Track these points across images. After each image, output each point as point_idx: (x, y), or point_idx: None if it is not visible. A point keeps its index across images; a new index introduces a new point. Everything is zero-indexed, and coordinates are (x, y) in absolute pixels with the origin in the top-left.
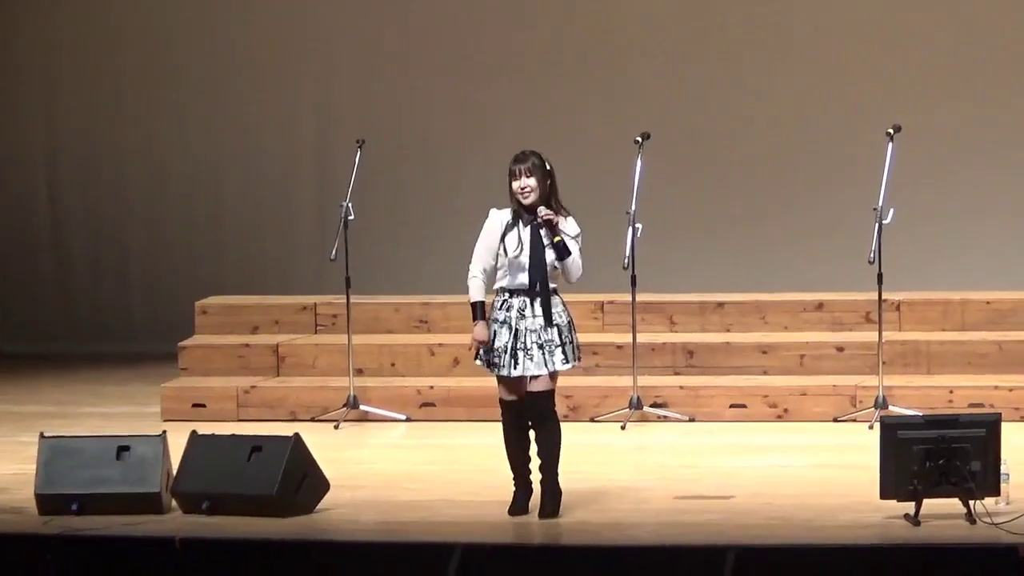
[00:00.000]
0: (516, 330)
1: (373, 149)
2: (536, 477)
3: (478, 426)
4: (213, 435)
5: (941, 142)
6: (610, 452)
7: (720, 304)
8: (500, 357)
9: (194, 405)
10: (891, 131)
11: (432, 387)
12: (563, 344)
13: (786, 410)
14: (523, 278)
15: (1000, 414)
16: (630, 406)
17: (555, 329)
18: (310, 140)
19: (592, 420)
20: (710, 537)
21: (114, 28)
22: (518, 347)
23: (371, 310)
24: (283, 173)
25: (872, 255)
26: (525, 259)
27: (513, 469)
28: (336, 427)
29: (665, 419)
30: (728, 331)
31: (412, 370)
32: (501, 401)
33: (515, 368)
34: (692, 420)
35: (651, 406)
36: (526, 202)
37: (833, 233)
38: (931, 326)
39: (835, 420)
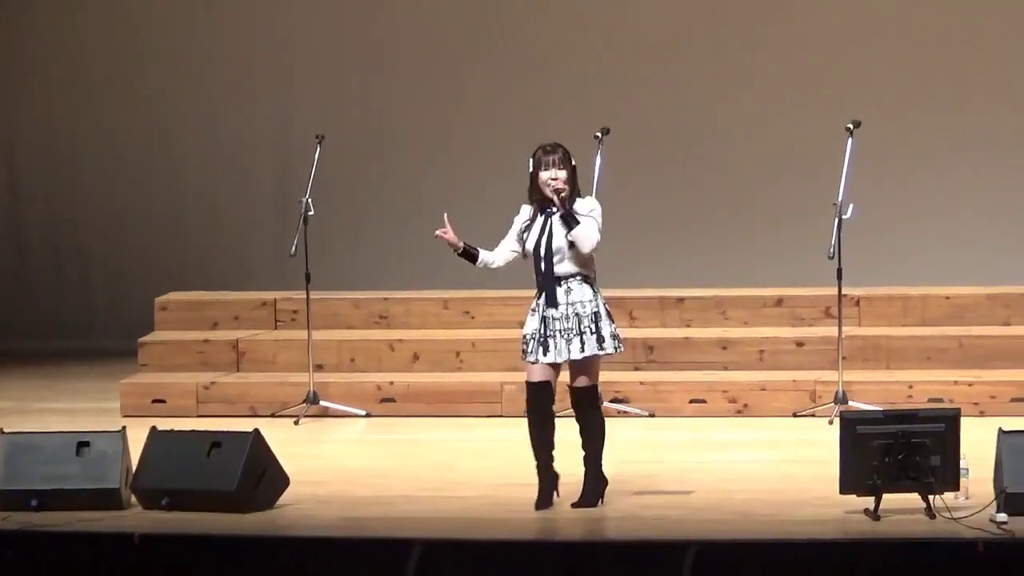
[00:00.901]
0: (544, 318)
1: (333, 144)
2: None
3: (438, 421)
4: (173, 431)
5: (901, 137)
6: (570, 448)
7: (680, 299)
8: (528, 343)
9: (154, 401)
10: (850, 126)
11: (392, 383)
12: (582, 333)
13: (746, 405)
14: (539, 269)
15: (959, 409)
16: None
17: (575, 318)
18: (270, 136)
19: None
20: (670, 532)
21: (75, 22)
22: (548, 334)
23: (331, 306)
24: (243, 169)
25: (832, 250)
26: (532, 249)
27: (536, 457)
28: (296, 423)
29: (625, 414)
30: (688, 326)
31: (372, 366)
32: (526, 383)
33: (544, 355)
34: (652, 415)
35: (611, 401)
36: (557, 194)
37: (793, 228)
38: (891, 321)
39: (795, 415)
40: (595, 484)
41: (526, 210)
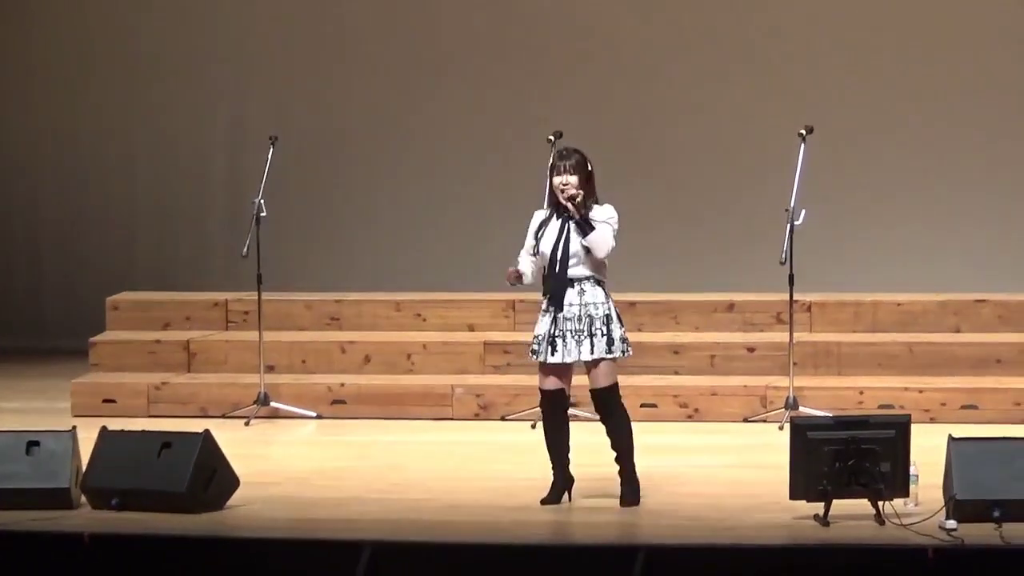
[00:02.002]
0: (555, 318)
1: (286, 145)
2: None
3: (389, 424)
4: (123, 431)
5: (854, 144)
6: (520, 451)
7: (632, 304)
8: (540, 344)
9: (104, 401)
10: (803, 132)
11: (343, 384)
12: (592, 335)
13: (697, 410)
14: (551, 271)
15: (910, 416)
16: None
17: (588, 319)
18: (222, 136)
19: (503, 419)
20: (620, 537)
21: (25, 22)
22: (556, 334)
23: (283, 307)
24: (195, 169)
25: (783, 256)
26: (547, 251)
27: (552, 459)
28: (247, 424)
29: (575, 418)
30: (639, 331)
31: (323, 367)
32: (540, 390)
33: (552, 355)
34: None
35: None
36: (572, 200)
37: (745, 234)
38: (842, 327)
39: (745, 420)
40: (631, 484)
41: (537, 215)
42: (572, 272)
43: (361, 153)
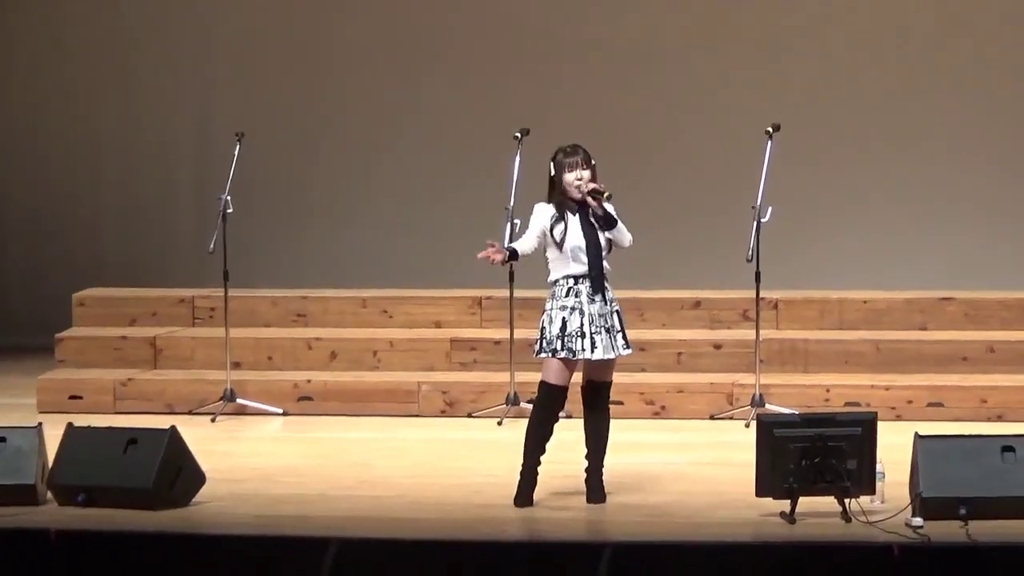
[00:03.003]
0: (588, 314)
1: (252, 142)
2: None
3: (355, 420)
4: (89, 427)
5: (820, 142)
6: (487, 448)
7: None
8: (575, 340)
9: (71, 397)
10: (770, 129)
11: (309, 381)
12: (622, 329)
13: (663, 407)
14: (582, 264)
15: (876, 413)
16: (507, 402)
17: (616, 315)
18: (189, 132)
19: (469, 416)
20: (586, 534)
21: None
22: (593, 331)
23: (249, 303)
24: (162, 165)
25: (750, 253)
26: (581, 243)
27: (527, 457)
28: (213, 420)
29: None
30: None
31: (289, 364)
32: (545, 384)
33: (594, 351)
34: (569, 416)
35: (528, 402)
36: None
37: (711, 231)
38: (808, 325)
39: (712, 418)
40: (600, 481)
41: (543, 207)
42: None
43: (328, 150)
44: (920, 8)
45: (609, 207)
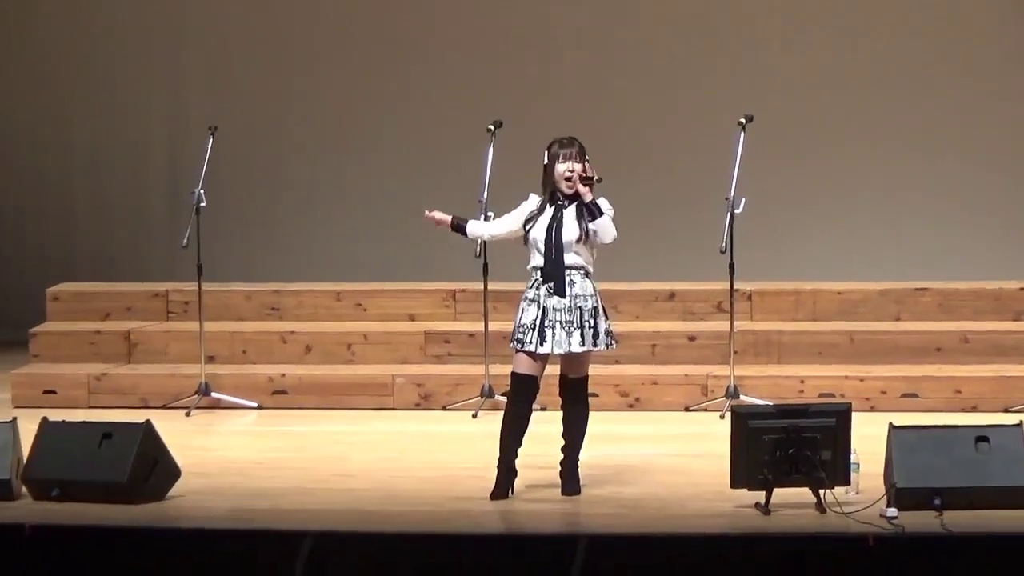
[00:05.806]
0: (544, 308)
1: (225, 136)
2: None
3: (329, 414)
4: (64, 422)
5: (794, 133)
6: (462, 440)
7: None
8: (526, 333)
9: (45, 392)
10: (743, 121)
11: (284, 375)
12: (582, 327)
13: (637, 399)
14: (540, 257)
15: (850, 404)
16: (482, 394)
17: (578, 311)
18: (162, 126)
19: (444, 408)
20: (561, 526)
21: None
22: (545, 325)
23: (223, 297)
24: (135, 159)
25: (724, 244)
26: (540, 236)
27: (502, 450)
28: (187, 414)
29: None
30: None
31: (264, 357)
32: (514, 375)
33: (542, 345)
34: (543, 409)
35: (502, 395)
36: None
37: (685, 223)
38: (782, 316)
39: (687, 409)
40: (575, 473)
41: (534, 199)
42: (565, 260)
43: (301, 143)
44: (891, 0)
45: (605, 203)
